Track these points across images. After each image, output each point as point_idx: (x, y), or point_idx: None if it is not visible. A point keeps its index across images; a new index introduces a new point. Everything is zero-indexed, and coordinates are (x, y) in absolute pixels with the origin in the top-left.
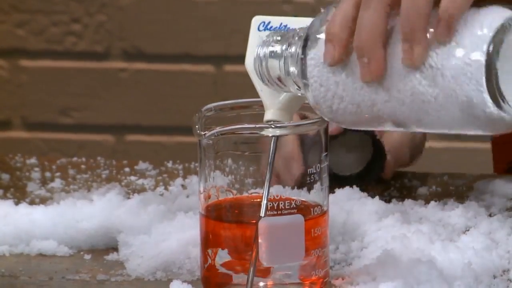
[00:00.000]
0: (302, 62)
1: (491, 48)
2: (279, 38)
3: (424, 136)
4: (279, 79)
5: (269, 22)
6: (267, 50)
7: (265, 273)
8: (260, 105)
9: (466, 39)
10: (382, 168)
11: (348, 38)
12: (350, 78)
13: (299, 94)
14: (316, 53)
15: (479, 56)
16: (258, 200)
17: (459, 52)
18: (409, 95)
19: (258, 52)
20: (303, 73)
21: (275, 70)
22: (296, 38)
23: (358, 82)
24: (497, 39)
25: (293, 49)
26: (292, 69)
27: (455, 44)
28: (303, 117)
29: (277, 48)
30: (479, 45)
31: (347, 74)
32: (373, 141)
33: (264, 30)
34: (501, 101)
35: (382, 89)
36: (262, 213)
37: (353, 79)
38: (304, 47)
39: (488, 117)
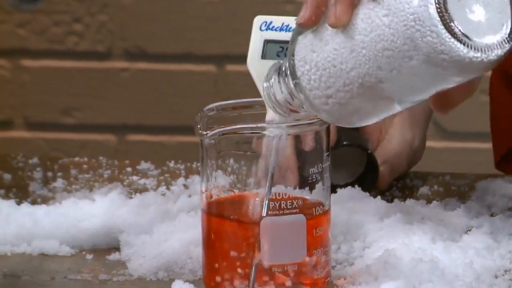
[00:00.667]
0: (291, 59)
1: None
2: (278, 66)
3: (423, 144)
4: (289, 103)
5: (271, 22)
6: (271, 79)
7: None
8: (262, 104)
9: None
10: (375, 181)
11: (321, 1)
12: (322, 41)
13: (307, 113)
14: (301, 42)
15: None
16: (262, 196)
17: None
18: (368, 32)
19: (265, 86)
20: (290, 58)
21: (279, 93)
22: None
23: (329, 43)
24: None
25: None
26: (289, 81)
27: None
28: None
29: (276, 74)
30: None
31: (320, 38)
32: (366, 154)
33: (266, 30)
34: (447, 18)
35: (348, 38)
36: (264, 213)
37: (325, 41)
38: (292, 46)
39: (435, 34)
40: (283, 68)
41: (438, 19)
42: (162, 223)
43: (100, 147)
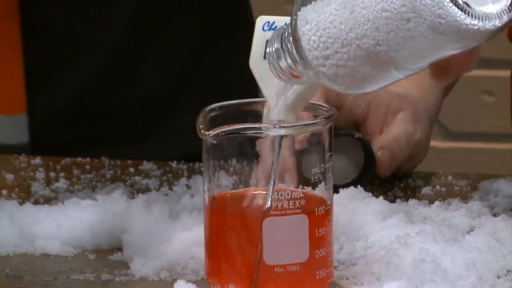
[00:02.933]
0: (293, 19)
1: None
2: (282, 31)
3: (427, 141)
4: (292, 68)
5: (273, 22)
6: (274, 45)
7: None
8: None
9: None
10: (374, 174)
11: None
12: (324, 1)
13: (312, 77)
14: (304, 3)
15: None
16: (264, 193)
17: None
18: None
19: (267, 51)
20: (292, 18)
21: (282, 58)
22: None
23: (331, 3)
24: None
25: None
26: (290, 42)
27: None
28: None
29: (279, 40)
30: None
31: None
32: (363, 146)
33: (269, 30)
34: None
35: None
36: (267, 204)
37: (327, 1)
38: (296, 7)
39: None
40: (286, 34)
41: None
42: (165, 223)
43: None
